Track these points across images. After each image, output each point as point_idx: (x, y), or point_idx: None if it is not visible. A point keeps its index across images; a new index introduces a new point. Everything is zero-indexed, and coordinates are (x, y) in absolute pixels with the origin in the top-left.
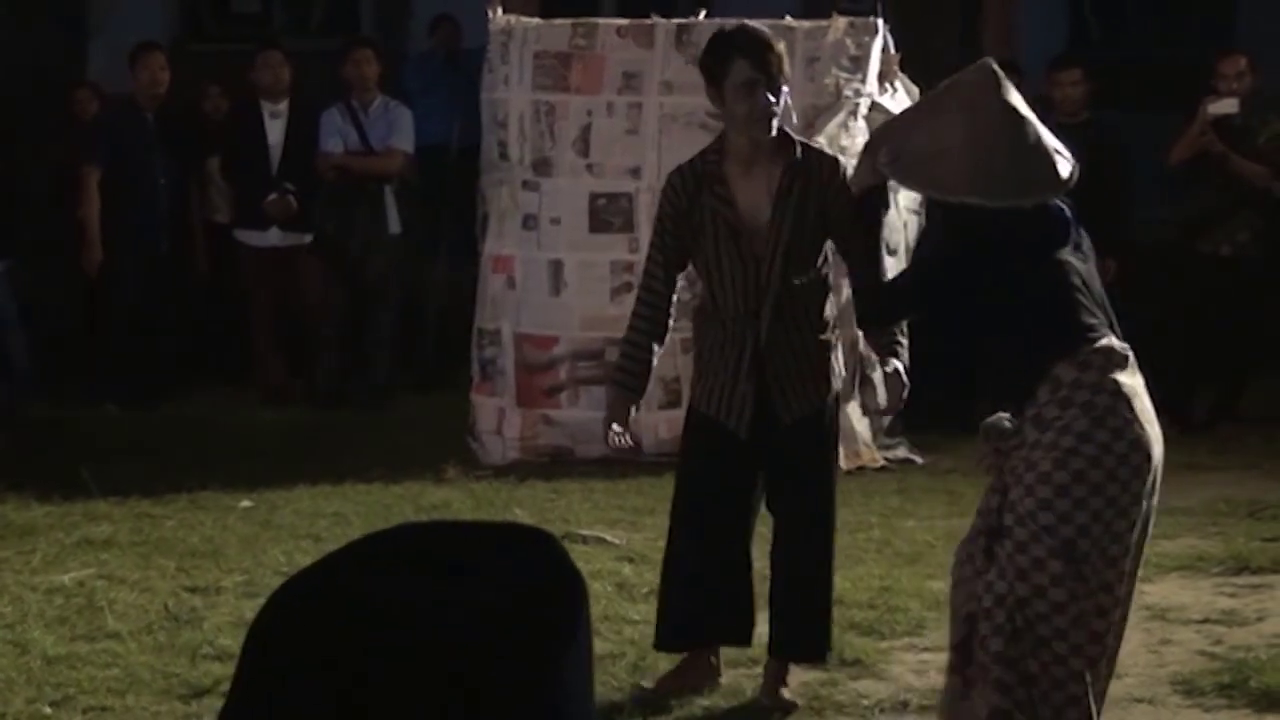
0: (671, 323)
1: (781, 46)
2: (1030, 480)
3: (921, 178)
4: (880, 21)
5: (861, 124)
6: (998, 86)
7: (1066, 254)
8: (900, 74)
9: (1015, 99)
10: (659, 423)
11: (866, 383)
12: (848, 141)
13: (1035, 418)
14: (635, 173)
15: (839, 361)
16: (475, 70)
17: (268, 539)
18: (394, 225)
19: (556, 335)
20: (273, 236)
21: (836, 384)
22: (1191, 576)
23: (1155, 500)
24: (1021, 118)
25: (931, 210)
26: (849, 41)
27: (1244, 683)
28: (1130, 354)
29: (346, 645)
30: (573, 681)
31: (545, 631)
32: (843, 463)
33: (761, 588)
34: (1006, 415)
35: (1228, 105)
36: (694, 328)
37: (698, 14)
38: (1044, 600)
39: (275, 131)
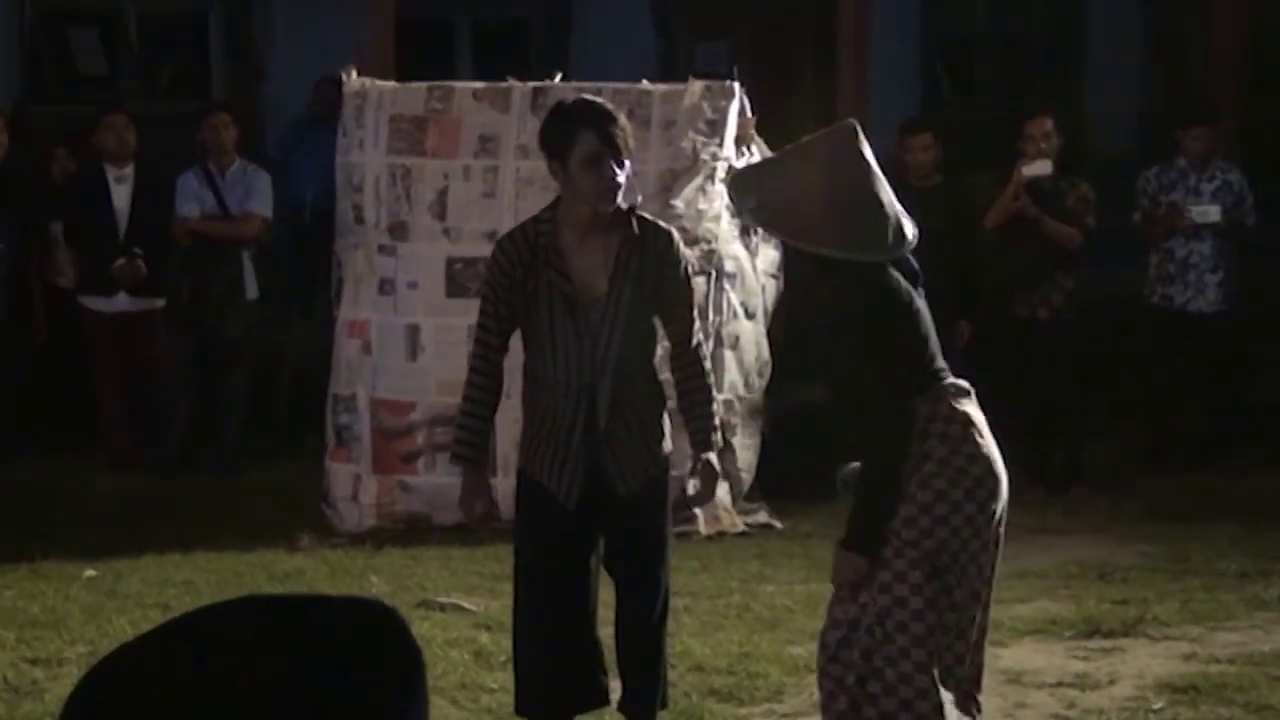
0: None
1: (624, 120)
2: (903, 539)
3: (787, 227)
4: (736, 85)
5: (719, 188)
6: (858, 144)
7: (919, 298)
8: (757, 137)
9: (871, 158)
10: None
11: (728, 449)
12: (705, 205)
13: None
14: (492, 236)
15: (666, 425)
16: None
17: (113, 609)
18: (251, 291)
19: (413, 400)
20: (120, 302)
21: (668, 447)
22: (1044, 640)
23: (1004, 526)
24: (878, 176)
25: (799, 278)
26: (705, 105)
27: None
28: (970, 388)
29: None
30: None
31: (378, 710)
32: (702, 528)
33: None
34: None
35: (1041, 167)
36: (523, 391)
37: (554, 77)
38: (904, 609)
39: (121, 196)
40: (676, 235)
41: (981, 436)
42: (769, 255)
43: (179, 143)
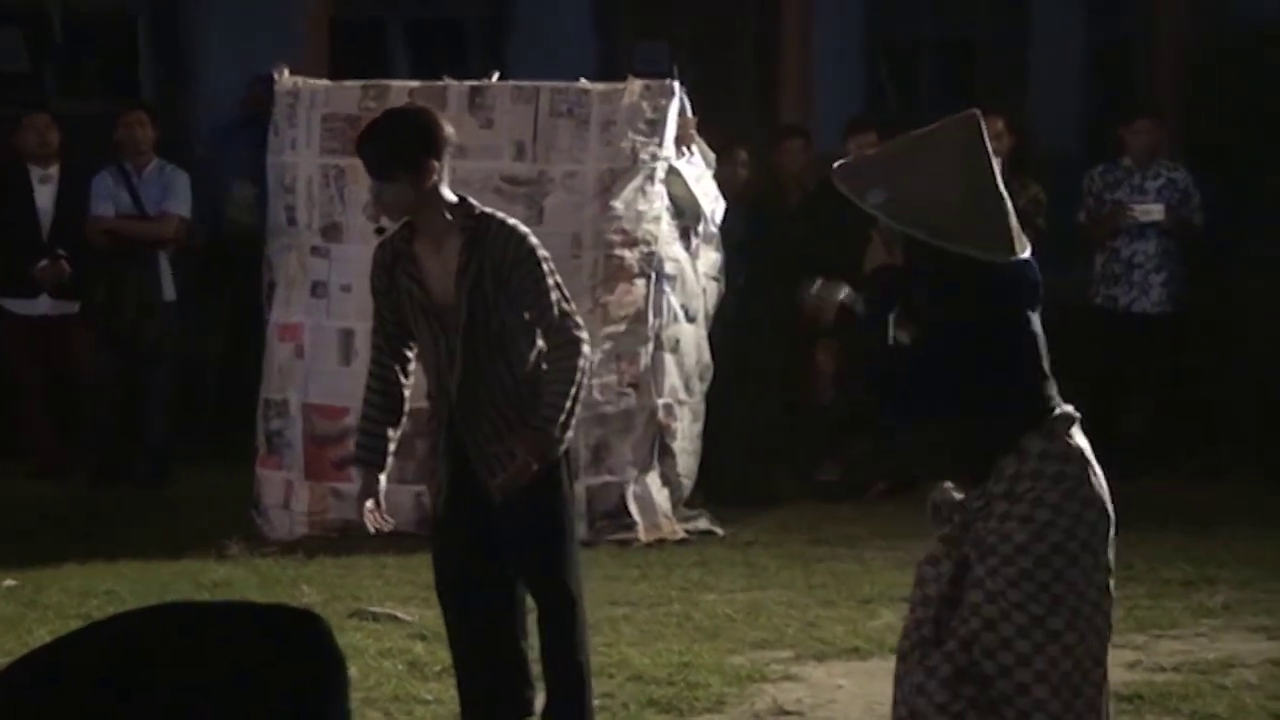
0: (407, 394)
1: (390, 132)
2: (1008, 551)
3: (921, 223)
4: (676, 84)
5: (659, 188)
6: (984, 135)
7: (1036, 318)
8: (697, 137)
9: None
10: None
11: (668, 453)
12: (645, 206)
13: (1006, 491)
14: None
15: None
16: None
17: (34, 619)
18: (169, 292)
19: (347, 406)
20: (42, 305)
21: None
22: None
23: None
24: (998, 172)
25: (910, 275)
26: (645, 104)
27: None
28: (1077, 414)
29: None
30: None
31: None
32: (642, 535)
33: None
34: (952, 486)
35: None
36: None
37: (491, 76)
38: (1009, 651)
39: (44, 196)
40: (522, 229)
41: (1096, 475)
42: (710, 257)
43: (107, 143)
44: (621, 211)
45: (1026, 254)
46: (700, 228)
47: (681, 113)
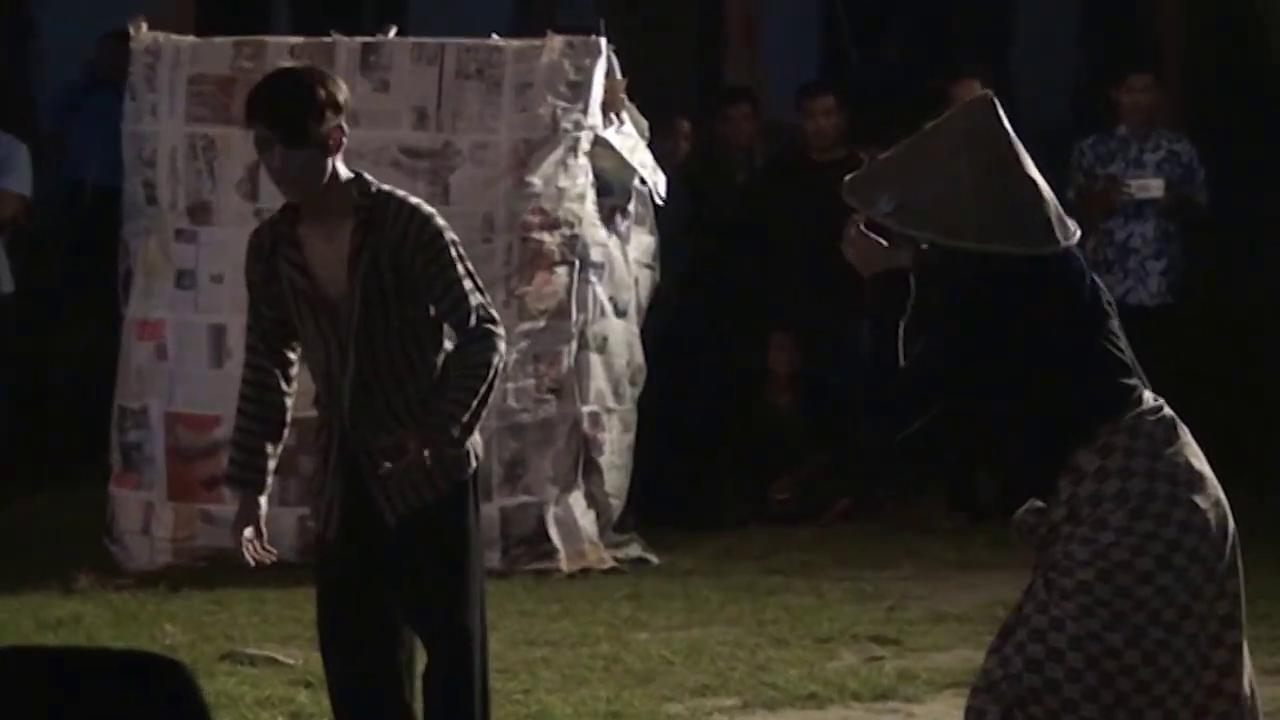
0: (290, 404)
1: (299, 88)
2: (1067, 566)
3: (935, 226)
4: (604, 41)
5: (583, 162)
6: (998, 116)
7: (1089, 316)
8: (628, 103)
9: (1012, 133)
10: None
11: (594, 470)
12: (567, 182)
13: (1067, 516)
14: None
15: (477, 445)
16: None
17: None
18: (5, 284)
19: (219, 415)
20: None
21: (464, 472)
22: (964, 696)
23: (1239, 575)
24: (1024, 153)
25: (933, 277)
26: (567, 64)
27: None
28: (1164, 411)
29: None
30: None
31: None
32: (564, 564)
33: None
34: (1039, 504)
35: None
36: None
37: (387, 31)
38: (1059, 664)
39: None
40: (426, 209)
41: (1179, 485)
42: (643, 241)
43: None
44: (540, 189)
45: (1070, 242)
46: (631, 207)
47: (609, 74)
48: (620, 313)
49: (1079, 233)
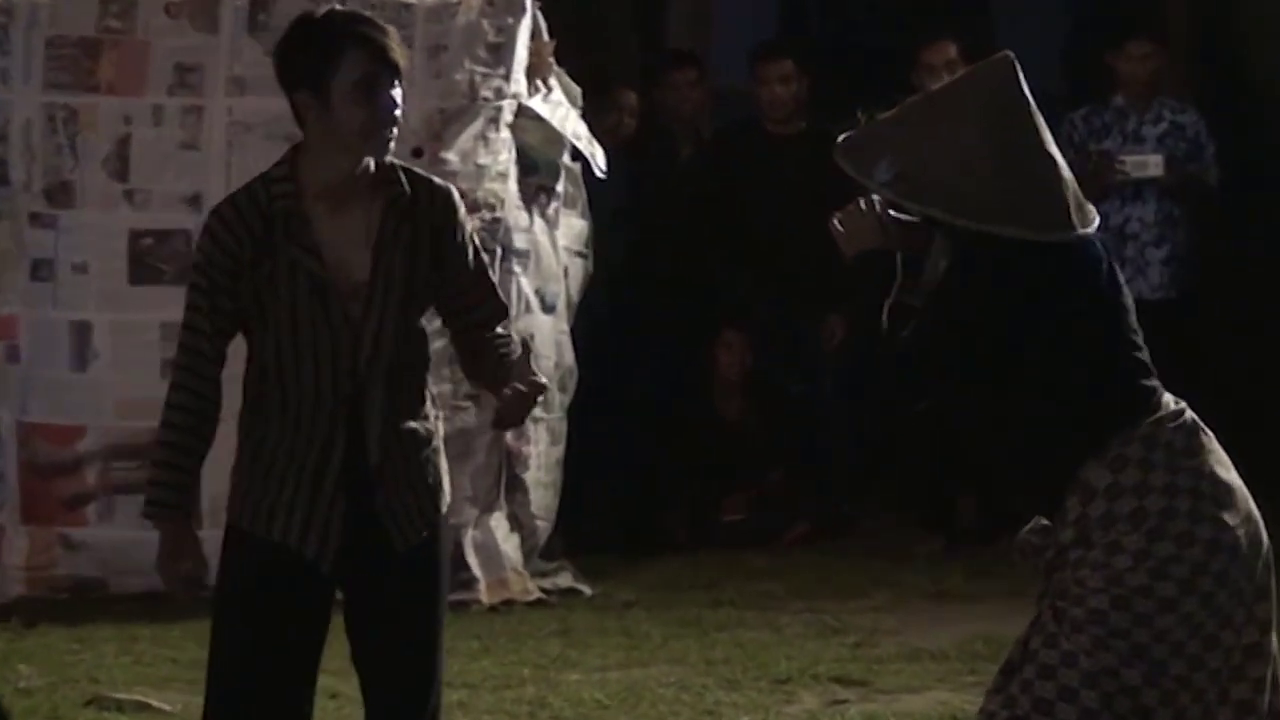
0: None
1: (395, 33)
2: (1078, 593)
3: (941, 200)
4: None
5: (505, 134)
6: (1020, 83)
7: (1103, 309)
8: (557, 68)
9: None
10: None
11: (518, 487)
12: (487, 159)
13: (1076, 539)
14: (194, 201)
15: (443, 462)
16: None
17: None
18: None
19: (82, 425)
20: None
21: (447, 494)
22: None
23: (1271, 599)
24: (1045, 126)
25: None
26: (486, 24)
27: None
28: (1185, 416)
29: None
30: None
31: None
32: (484, 595)
33: None
34: (1045, 522)
35: None
36: (241, 413)
37: None
38: (1072, 705)
39: None
40: (456, 193)
41: (1203, 500)
42: (574, 226)
43: None
44: (456, 166)
45: (1089, 229)
46: (560, 187)
47: (535, 36)
48: (548, 308)
49: (1098, 219)
